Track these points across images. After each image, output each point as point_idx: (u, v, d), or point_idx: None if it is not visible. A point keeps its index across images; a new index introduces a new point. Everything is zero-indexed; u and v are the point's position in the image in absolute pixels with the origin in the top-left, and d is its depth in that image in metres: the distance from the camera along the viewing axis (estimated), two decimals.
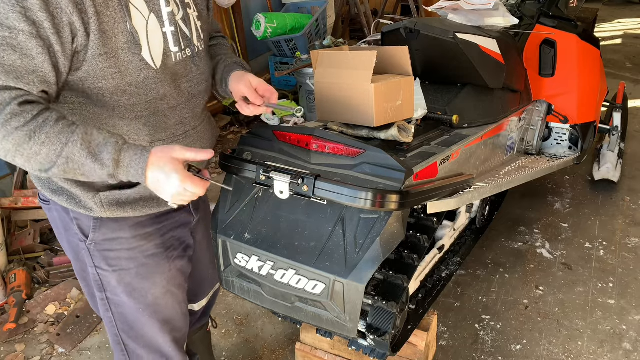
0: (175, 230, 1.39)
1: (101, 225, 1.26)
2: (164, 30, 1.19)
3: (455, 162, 1.82)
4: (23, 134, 0.98)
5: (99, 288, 1.34)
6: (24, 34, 0.98)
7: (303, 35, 4.65)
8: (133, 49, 1.12)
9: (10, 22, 0.96)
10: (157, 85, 1.20)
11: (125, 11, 1.10)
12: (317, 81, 1.67)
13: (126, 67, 1.12)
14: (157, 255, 1.36)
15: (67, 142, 1.02)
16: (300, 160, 1.51)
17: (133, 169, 1.06)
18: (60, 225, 1.33)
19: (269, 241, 1.51)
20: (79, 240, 1.29)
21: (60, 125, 1.02)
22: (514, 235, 2.86)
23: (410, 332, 1.81)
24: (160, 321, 1.42)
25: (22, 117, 0.98)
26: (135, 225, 1.29)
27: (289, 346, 2.21)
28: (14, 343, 2.31)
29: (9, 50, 0.97)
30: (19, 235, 2.79)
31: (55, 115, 1.03)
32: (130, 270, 1.32)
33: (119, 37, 1.10)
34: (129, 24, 1.11)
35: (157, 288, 1.38)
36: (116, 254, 1.30)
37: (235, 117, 4.38)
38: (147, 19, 1.15)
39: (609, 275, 2.53)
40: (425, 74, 2.23)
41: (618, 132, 3.38)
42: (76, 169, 1.04)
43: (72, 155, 1.02)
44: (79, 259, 1.36)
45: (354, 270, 1.39)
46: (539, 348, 2.15)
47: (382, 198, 1.31)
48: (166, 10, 1.19)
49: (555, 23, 2.80)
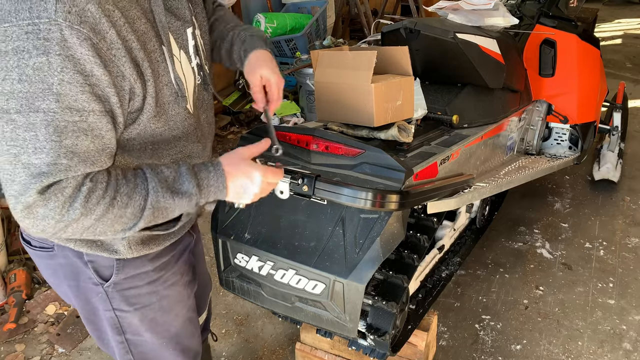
0: (183, 254, 1.33)
1: (125, 265, 1.17)
2: (192, 66, 1.11)
3: (455, 162, 1.82)
4: (105, 205, 0.92)
5: (117, 331, 1.24)
6: (94, 114, 0.89)
7: (303, 35, 4.65)
8: (180, 102, 1.05)
9: (79, 105, 0.87)
10: (194, 130, 1.13)
11: (170, 60, 1.00)
12: (317, 81, 1.67)
13: (174, 120, 1.05)
14: (176, 284, 1.29)
15: (147, 193, 0.96)
16: (300, 160, 1.51)
17: (214, 187, 1.02)
18: (65, 272, 1.19)
19: (269, 241, 1.51)
20: (93, 285, 1.18)
21: (131, 177, 0.96)
22: (514, 235, 2.86)
23: (410, 332, 1.81)
24: (183, 351, 1.36)
25: (99, 190, 0.92)
26: (155, 257, 1.22)
27: (289, 346, 2.21)
28: (14, 343, 2.31)
29: (82, 136, 0.88)
30: (19, 235, 2.79)
31: (119, 169, 0.97)
32: (152, 305, 1.24)
33: (164, 90, 1.01)
34: (173, 74, 1.01)
35: (179, 319, 1.32)
36: (137, 290, 1.21)
37: (235, 117, 4.38)
38: (180, 60, 1.06)
39: (609, 275, 2.53)
40: (425, 74, 2.23)
41: (618, 132, 3.38)
42: (161, 215, 1.00)
43: (157, 204, 0.97)
44: (88, 305, 1.23)
45: (354, 270, 1.39)
46: (539, 348, 2.15)
47: (382, 198, 1.31)
48: (191, 44, 1.10)
49: (555, 23, 2.80)
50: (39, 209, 0.87)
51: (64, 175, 0.88)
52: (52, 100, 0.84)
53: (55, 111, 0.85)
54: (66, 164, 0.88)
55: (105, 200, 0.92)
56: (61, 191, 0.88)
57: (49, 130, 0.85)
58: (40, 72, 0.83)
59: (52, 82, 0.84)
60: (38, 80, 0.83)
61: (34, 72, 0.83)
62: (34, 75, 0.83)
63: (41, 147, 0.85)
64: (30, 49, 0.82)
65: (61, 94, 0.85)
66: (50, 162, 0.86)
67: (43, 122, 0.85)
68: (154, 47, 0.98)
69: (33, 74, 0.83)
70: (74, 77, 0.85)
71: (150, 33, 0.97)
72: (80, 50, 0.85)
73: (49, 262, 1.19)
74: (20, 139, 0.85)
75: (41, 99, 0.84)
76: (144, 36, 0.95)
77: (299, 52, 4.58)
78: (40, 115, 0.84)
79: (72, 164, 0.88)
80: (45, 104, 0.84)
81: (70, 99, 0.86)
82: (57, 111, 0.85)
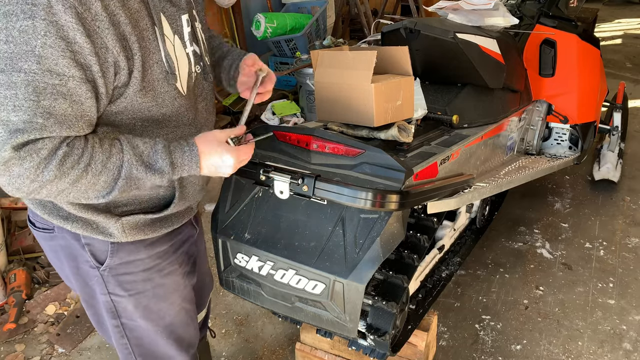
0: (184, 245, 1.35)
1: (118, 249, 1.20)
2: (187, 52, 1.14)
3: (455, 162, 1.82)
4: (79, 171, 0.96)
5: (112, 315, 1.28)
6: (74, 79, 0.92)
7: (303, 35, 4.65)
8: (170, 79, 1.08)
9: (59, 69, 0.90)
10: (186, 112, 1.16)
11: (161, 39, 1.04)
12: (317, 81, 1.67)
13: (162, 98, 1.08)
14: (173, 273, 1.31)
15: (121, 164, 1.00)
16: (300, 160, 1.51)
17: (187, 165, 1.08)
18: (65, 254, 1.24)
19: (269, 241, 1.51)
20: (89, 268, 1.22)
21: (107, 146, 1.00)
22: (514, 235, 2.86)
23: (410, 332, 1.81)
24: (177, 340, 1.38)
25: (74, 155, 0.95)
26: (151, 244, 1.24)
27: (289, 346, 2.21)
28: (14, 343, 2.31)
29: (60, 99, 0.92)
30: (18, 235, 2.79)
31: (97, 137, 1.00)
32: (146, 292, 1.27)
33: (154, 68, 1.05)
34: (164, 52, 1.05)
35: (174, 307, 1.34)
36: (132, 277, 1.24)
37: (235, 117, 4.38)
38: (174, 43, 1.09)
39: (609, 275, 2.53)
40: (425, 74, 2.23)
41: (618, 132, 3.38)
42: (134, 186, 1.03)
43: (130, 175, 1.01)
44: (86, 287, 1.27)
45: (354, 270, 1.39)
46: (539, 348, 2.15)
47: (382, 198, 1.31)
48: (187, 30, 1.14)
49: (555, 23, 2.80)
50: (14, 167, 0.91)
51: (39, 134, 0.92)
52: (33, 62, 0.89)
53: (36, 72, 0.89)
54: (42, 123, 0.91)
55: (80, 165, 0.96)
56: (37, 152, 0.92)
57: (28, 90, 0.89)
58: (25, 34, 0.88)
59: (35, 44, 0.88)
60: (22, 42, 0.88)
61: (19, 34, 0.88)
62: (19, 37, 0.88)
63: (20, 105, 0.89)
64: (18, 12, 0.87)
65: (42, 56, 0.89)
66: (27, 120, 0.90)
67: (24, 81, 0.89)
68: (146, 25, 1.02)
69: (18, 35, 0.88)
70: (56, 42, 0.89)
71: (143, 12, 1.02)
72: (64, 17, 0.89)
73: (50, 244, 1.24)
74: (1, 96, 0.89)
75: (23, 60, 0.88)
76: (137, 14, 1.01)
77: (299, 52, 4.58)
78: (21, 75, 0.89)
79: (47, 124, 0.92)
80: (27, 64, 0.89)
81: (50, 62, 0.90)
82: (38, 72, 0.89)
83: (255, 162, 1.40)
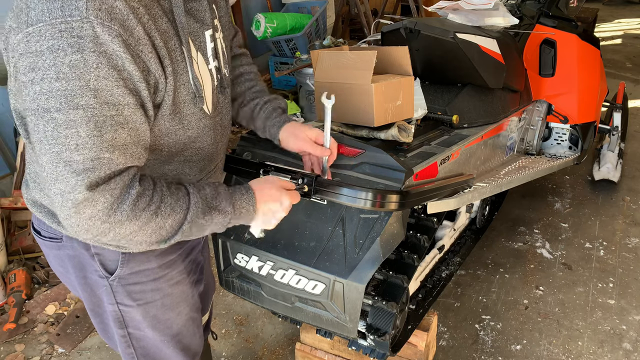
0: (191, 253, 1.34)
1: (130, 259, 1.17)
2: (209, 68, 1.10)
3: (455, 162, 1.82)
4: (150, 213, 0.95)
5: (119, 325, 1.26)
6: (129, 107, 0.91)
7: (303, 35, 4.65)
8: (197, 102, 1.05)
9: (115, 99, 0.88)
10: (210, 131, 1.14)
11: (189, 60, 1.01)
12: (317, 81, 1.67)
13: (189, 120, 1.06)
14: (181, 283, 1.30)
15: (188, 207, 1.00)
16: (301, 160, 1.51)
17: (245, 209, 1.09)
18: (72, 263, 1.21)
19: (269, 241, 1.51)
20: (98, 277, 1.19)
21: (174, 189, 1.00)
22: (514, 235, 2.86)
23: (410, 332, 1.81)
24: (183, 350, 1.37)
25: (146, 196, 0.94)
26: (161, 253, 1.22)
27: (289, 346, 2.21)
28: (14, 343, 2.31)
29: (119, 129, 0.90)
30: (18, 235, 2.79)
31: (163, 181, 1.00)
32: (155, 302, 1.25)
33: (181, 90, 1.02)
34: (191, 73, 1.02)
35: (181, 317, 1.33)
36: (141, 287, 1.22)
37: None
38: (197, 61, 1.06)
39: (609, 275, 2.53)
40: (425, 74, 2.23)
41: (618, 132, 3.38)
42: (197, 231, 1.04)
43: (196, 219, 1.01)
44: (93, 297, 1.25)
45: (354, 270, 1.39)
46: (539, 348, 2.15)
47: (382, 198, 1.31)
48: (210, 46, 1.10)
49: (555, 23, 2.80)
50: (86, 209, 0.89)
51: (109, 169, 0.90)
52: (90, 97, 0.86)
53: (94, 107, 0.87)
54: (108, 157, 0.90)
55: (151, 207, 0.95)
56: (110, 191, 0.90)
57: (90, 126, 0.87)
58: (76, 69, 0.85)
59: (89, 78, 0.85)
60: (75, 78, 0.85)
61: (70, 69, 0.84)
62: (70, 72, 0.84)
63: (83, 143, 0.87)
64: (65, 47, 0.84)
65: (98, 89, 0.87)
66: (94, 157, 0.88)
67: (84, 118, 0.86)
68: (174, 45, 0.99)
69: (69, 71, 0.84)
70: (109, 73, 0.87)
71: (171, 32, 0.99)
72: (112, 46, 0.86)
73: (57, 253, 1.21)
74: (62, 136, 0.86)
75: (79, 96, 0.85)
76: (165, 35, 0.97)
77: (299, 52, 4.58)
78: (79, 112, 0.86)
79: (113, 157, 0.90)
80: (84, 100, 0.86)
81: (107, 94, 0.87)
82: (96, 107, 0.87)
83: (255, 162, 1.40)
